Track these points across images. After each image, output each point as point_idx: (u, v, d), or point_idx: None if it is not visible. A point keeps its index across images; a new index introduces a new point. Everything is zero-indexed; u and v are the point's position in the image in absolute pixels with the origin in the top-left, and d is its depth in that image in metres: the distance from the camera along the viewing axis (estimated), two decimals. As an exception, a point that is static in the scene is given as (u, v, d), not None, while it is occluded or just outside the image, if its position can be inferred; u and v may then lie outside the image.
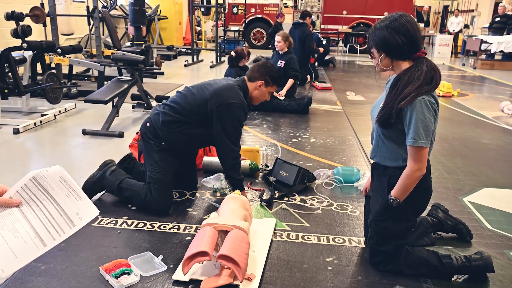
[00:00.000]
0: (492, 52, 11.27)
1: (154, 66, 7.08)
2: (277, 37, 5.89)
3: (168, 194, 2.65)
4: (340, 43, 15.28)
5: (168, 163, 2.66)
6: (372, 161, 2.08)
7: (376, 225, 2.01)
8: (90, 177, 2.80)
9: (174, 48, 11.41)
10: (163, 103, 2.73)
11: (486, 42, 11.19)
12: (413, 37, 1.82)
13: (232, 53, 5.32)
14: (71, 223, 1.13)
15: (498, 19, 12.11)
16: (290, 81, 5.76)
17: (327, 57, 10.56)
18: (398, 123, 1.82)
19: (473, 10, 17.99)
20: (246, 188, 3.03)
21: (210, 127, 2.64)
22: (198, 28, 15.20)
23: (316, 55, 8.78)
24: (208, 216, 2.58)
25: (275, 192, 2.93)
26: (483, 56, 11.72)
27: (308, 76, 7.85)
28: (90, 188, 2.76)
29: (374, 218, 2.02)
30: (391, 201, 1.88)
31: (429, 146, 1.80)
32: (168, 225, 2.48)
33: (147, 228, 2.44)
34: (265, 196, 2.88)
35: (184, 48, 12.60)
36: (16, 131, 4.20)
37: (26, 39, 4.91)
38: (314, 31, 9.50)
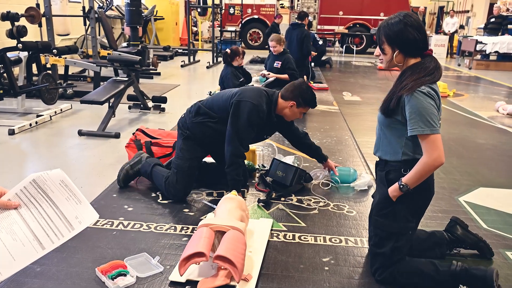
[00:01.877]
0: (487, 52, 11.33)
1: (151, 67, 7.08)
2: (272, 43, 5.86)
3: (186, 181, 2.77)
4: (337, 44, 15.31)
5: (191, 151, 2.80)
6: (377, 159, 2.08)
7: (375, 220, 2.01)
8: (127, 162, 3.07)
9: (171, 49, 11.40)
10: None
11: (481, 42, 11.26)
12: (425, 33, 1.85)
13: (227, 50, 5.33)
14: (70, 226, 1.12)
15: (493, 19, 12.18)
16: (285, 76, 5.72)
17: (323, 58, 10.58)
18: (398, 112, 1.82)
19: (468, 11, 18.08)
20: (253, 189, 3.05)
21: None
22: (194, 29, 15.20)
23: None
24: (205, 217, 2.58)
25: (272, 192, 2.93)
26: (478, 57, 11.77)
27: (305, 76, 7.86)
28: (126, 173, 3.01)
29: (373, 213, 2.02)
30: (401, 186, 1.83)
31: (439, 132, 1.76)
32: (165, 226, 2.48)
33: (143, 229, 2.43)
34: (262, 197, 2.88)
35: (180, 49, 12.58)
36: (12, 132, 4.18)
37: (22, 39, 4.90)
38: (310, 31, 9.52)
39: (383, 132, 1.95)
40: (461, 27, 16.18)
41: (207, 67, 9.88)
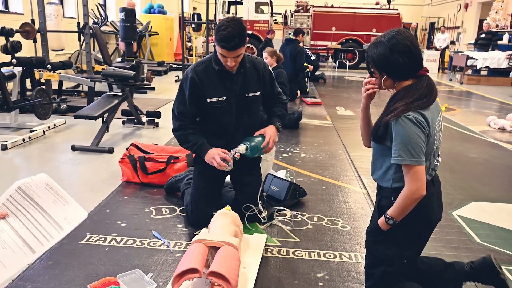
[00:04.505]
0: (478, 67, 11.50)
1: (145, 82, 7.10)
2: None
3: (201, 212, 2.64)
4: (330, 59, 15.48)
5: (201, 179, 2.68)
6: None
7: (367, 245, 1.97)
8: (175, 176, 3.17)
9: (165, 64, 11.45)
10: None
11: (472, 58, 11.43)
12: (414, 54, 1.70)
13: None
14: (59, 227, 1.13)
15: (483, 35, 12.39)
16: None
17: (317, 73, 10.68)
18: (387, 138, 1.73)
19: (459, 27, 18.39)
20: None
21: (210, 119, 2.59)
22: (189, 44, 15.29)
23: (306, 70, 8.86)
24: (198, 232, 2.56)
25: (267, 207, 2.90)
26: (469, 72, 11.94)
27: (299, 92, 7.92)
28: (172, 185, 3.14)
29: (366, 237, 1.98)
30: (387, 219, 1.75)
31: (421, 164, 1.65)
32: (158, 241, 2.46)
33: (136, 245, 2.41)
34: (264, 213, 2.80)
35: (174, 64, 12.65)
36: (4, 147, 4.15)
37: (16, 55, 4.91)
38: (303, 47, 9.63)
39: (375, 157, 1.86)
40: (452, 42, 16.44)
41: (201, 82, 9.90)
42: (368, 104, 1.94)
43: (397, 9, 15.35)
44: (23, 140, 4.44)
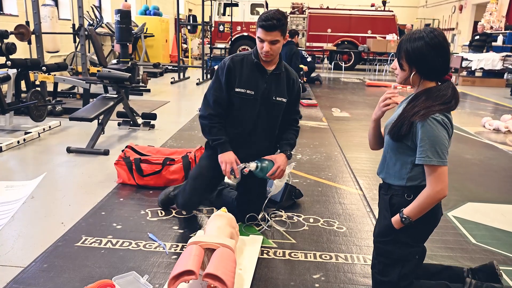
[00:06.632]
0: (472, 69, 11.56)
1: (140, 84, 7.09)
2: None
3: (193, 191, 2.63)
4: (325, 60, 15.52)
5: (206, 160, 2.66)
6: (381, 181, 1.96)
7: (378, 248, 1.92)
8: (172, 187, 3.05)
9: (161, 66, 11.44)
10: None
11: (466, 59, 11.49)
12: (448, 57, 1.72)
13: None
14: (21, 191, 1.16)
15: (477, 37, 12.46)
16: None
17: (313, 74, 10.71)
18: (408, 138, 1.73)
19: (453, 29, 18.50)
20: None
21: (231, 109, 2.57)
22: (184, 46, 15.29)
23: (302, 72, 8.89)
24: (194, 234, 2.56)
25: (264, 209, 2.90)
26: (464, 73, 12.01)
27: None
28: (167, 195, 2.96)
29: (375, 239, 1.94)
30: (403, 219, 1.75)
31: (446, 165, 1.67)
32: (154, 243, 2.45)
33: (132, 247, 2.40)
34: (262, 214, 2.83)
35: (170, 66, 12.63)
36: (-1, 150, 4.13)
37: (11, 56, 4.89)
38: (298, 49, 9.65)
39: (389, 155, 1.86)
40: (447, 44, 16.51)
41: (197, 84, 9.92)
42: (381, 116, 1.92)
43: (392, 11, 15.43)
44: (18, 142, 4.41)
